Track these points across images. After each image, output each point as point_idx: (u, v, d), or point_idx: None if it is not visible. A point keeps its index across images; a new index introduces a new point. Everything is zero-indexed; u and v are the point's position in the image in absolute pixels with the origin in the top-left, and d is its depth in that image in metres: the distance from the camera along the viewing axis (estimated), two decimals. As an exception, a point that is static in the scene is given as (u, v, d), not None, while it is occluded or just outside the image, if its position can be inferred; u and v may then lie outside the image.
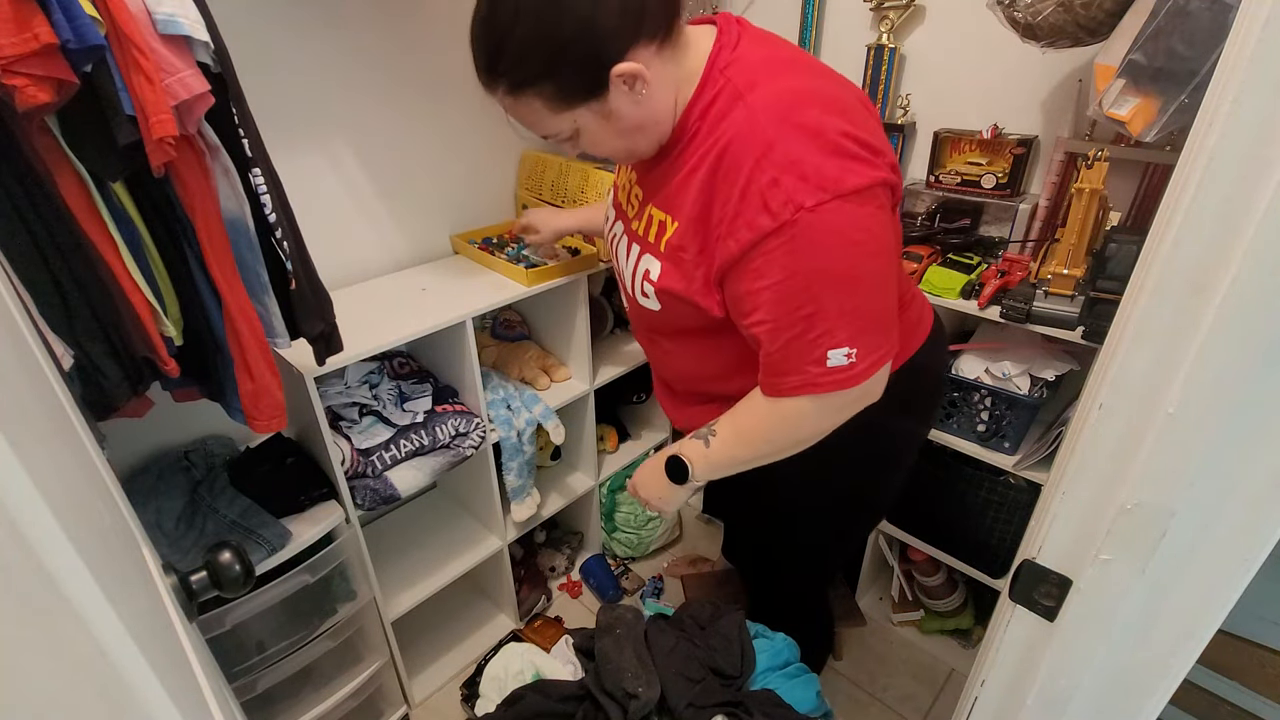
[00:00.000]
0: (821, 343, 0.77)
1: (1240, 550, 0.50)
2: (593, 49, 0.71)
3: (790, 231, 0.71)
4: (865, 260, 0.76)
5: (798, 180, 0.70)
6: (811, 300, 0.75)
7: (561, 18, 0.70)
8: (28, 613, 0.27)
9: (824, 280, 0.74)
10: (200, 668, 0.54)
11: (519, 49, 0.72)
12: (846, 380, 0.79)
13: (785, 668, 1.11)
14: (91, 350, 0.84)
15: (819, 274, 0.74)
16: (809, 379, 0.79)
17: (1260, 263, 0.43)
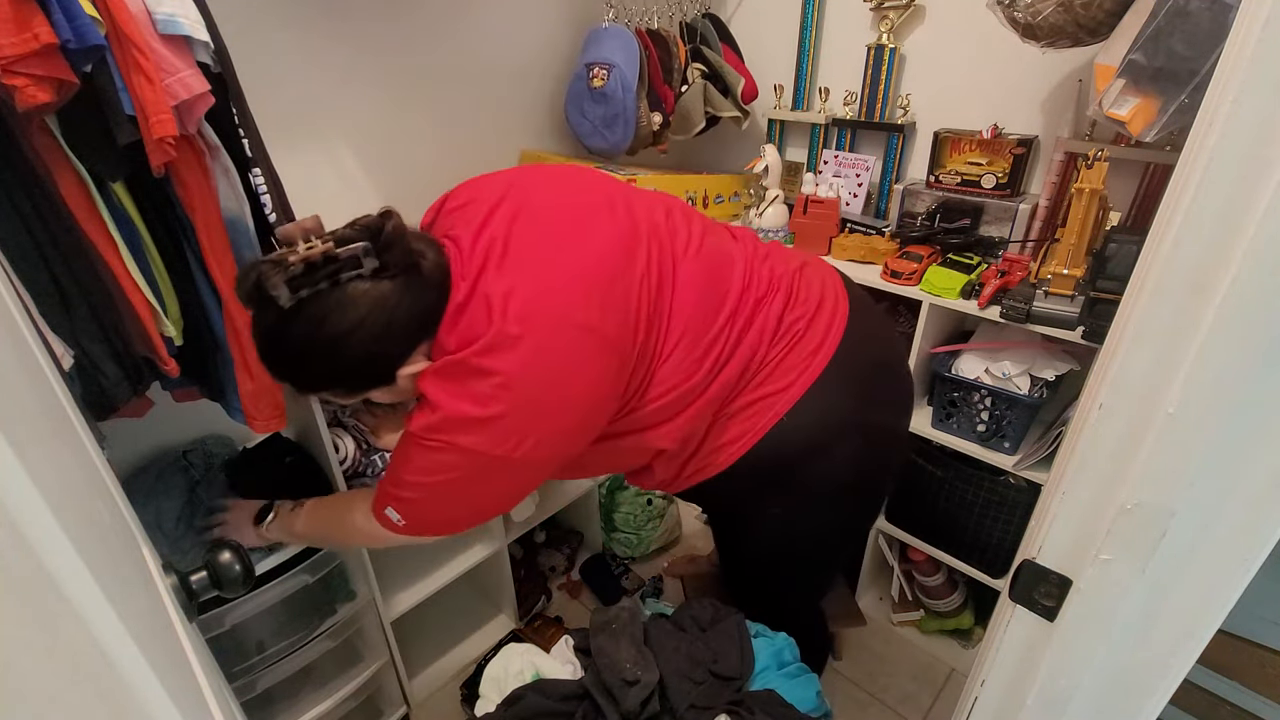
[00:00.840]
0: (390, 498, 0.89)
1: (1240, 550, 0.50)
2: (380, 368, 0.82)
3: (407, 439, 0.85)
4: (440, 480, 0.85)
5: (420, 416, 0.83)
6: (396, 483, 0.88)
7: (349, 356, 0.78)
8: (28, 613, 0.27)
9: (404, 474, 0.86)
10: (200, 668, 0.54)
11: (308, 376, 0.83)
12: (396, 528, 0.92)
13: (785, 667, 1.11)
14: (91, 350, 0.84)
15: (403, 469, 0.87)
16: (377, 505, 0.92)
17: (1260, 263, 0.43)
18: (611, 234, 0.87)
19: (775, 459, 0.97)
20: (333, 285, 0.75)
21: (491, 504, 0.94)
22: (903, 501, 1.63)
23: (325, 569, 1.26)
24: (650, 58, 1.61)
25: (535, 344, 0.79)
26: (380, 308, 0.77)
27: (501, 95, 1.65)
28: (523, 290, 0.80)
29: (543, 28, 1.69)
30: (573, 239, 0.86)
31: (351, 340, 0.77)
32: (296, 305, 0.74)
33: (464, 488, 0.86)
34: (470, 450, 0.81)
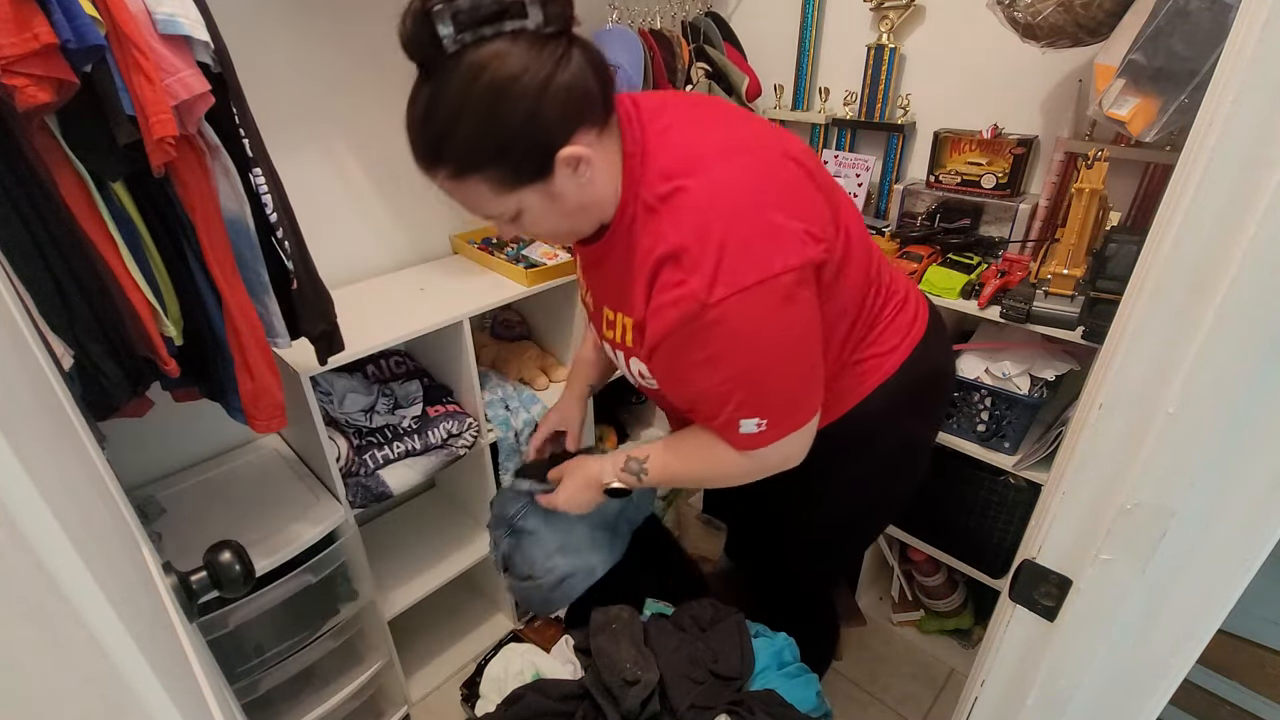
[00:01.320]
0: (736, 413, 0.83)
1: (1240, 550, 0.50)
2: (539, 137, 0.73)
3: (697, 324, 0.77)
4: (776, 347, 0.80)
5: (702, 280, 0.75)
6: (722, 381, 0.81)
7: (507, 112, 0.71)
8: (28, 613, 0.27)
9: (731, 363, 0.79)
10: (200, 668, 0.54)
11: (464, 141, 0.74)
12: (757, 441, 0.85)
13: (785, 667, 1.11)
14: (91, 350, 0.84)
15: (728, 358, 0.79)
16: (718, 427, 0.87)
17: (1260, 263, 0.43)
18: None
19: (877, 415, 1.00)
20: (495, 34, 0.69)
21: (806, 345, 0.85)
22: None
23: (328, 569, 1.26)
24: (654, 58, 1.61)
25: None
26: (540, 63, 0.70)
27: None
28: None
29: (543, 28, 1.68)
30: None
31: (512, 92, 0.70)
32: (458, 53, 0.70)
33: (780, 346, 0.81)
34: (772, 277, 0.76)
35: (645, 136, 0.81)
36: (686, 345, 0.80)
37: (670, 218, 0.77)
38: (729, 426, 0.84)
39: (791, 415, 0.86)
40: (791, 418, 0.86)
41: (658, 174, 0.79)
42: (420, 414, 1.42)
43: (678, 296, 0.77)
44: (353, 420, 1.37)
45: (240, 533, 1.14)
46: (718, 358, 0.79)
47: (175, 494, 1.30)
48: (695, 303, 0.75)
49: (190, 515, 1.25)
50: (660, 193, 0.78)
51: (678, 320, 0.78)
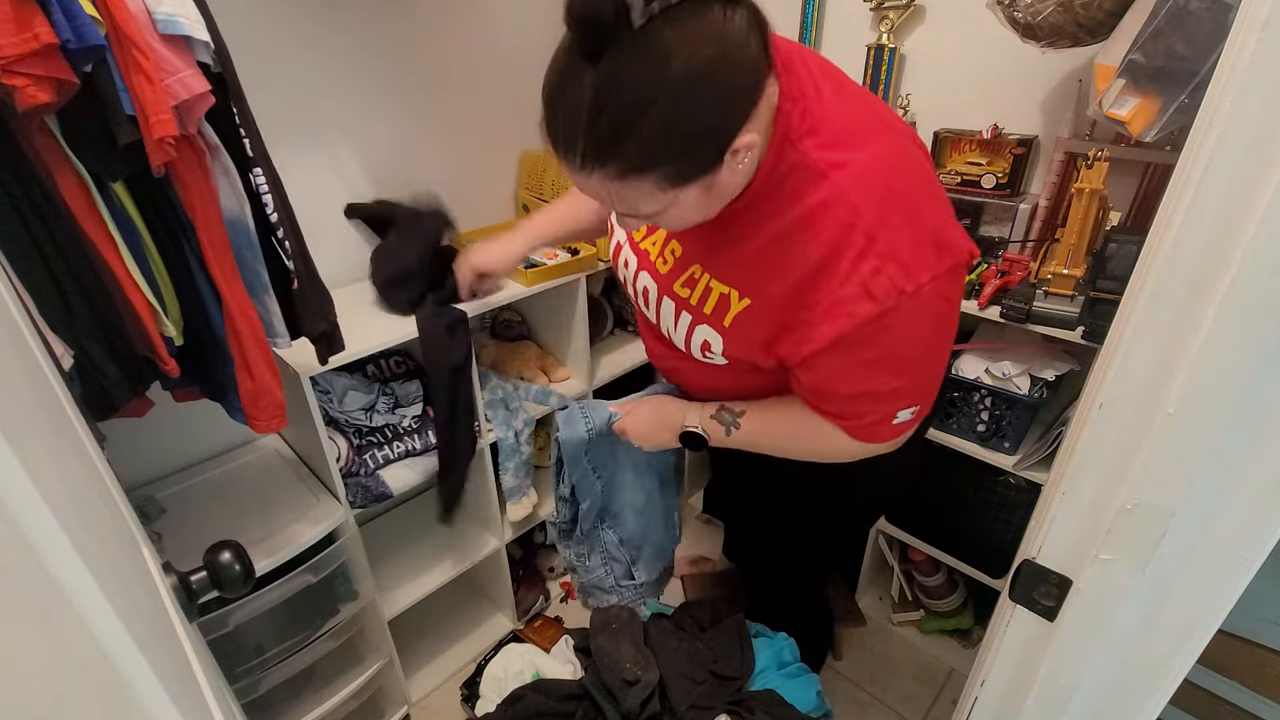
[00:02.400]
0: (896, 405, 0.80)
1: (1240, 550, 0.50)
2: (723, 127, 0.64)
3: (891, 317, 0.70)
4: (947, 333, 0.80)
5: (900, 268, 0.69)
6: (897, 376, 0.77)
7: (702, 101, 0.61)
8: (28, 613, 0.27)
9: (912, 357, 0.76)
10: (200, 668, 0.54)
11: (649, 137, 0.61)
12: (899, 432, 0.83)
13: (785, 667, 1.11)
14: (91, 350, 0.84)
15: (909, 351, 0.75)
16: (864, 425, 0.82)
17: (1260, 263, 0.43)
18: None
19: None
20: (682, 2, 0.58)
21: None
22: (903, 501, 1.63)
23: (328, 569, 1.26)
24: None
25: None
26: (727, 38, 0.60)
27: (503, 97, 1.65)
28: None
29: (545, 29, 1.68)
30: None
31: (707, 79, 0.59)
32: (644, 28, 0.57)
33: (953, 329, 0.81)
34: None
35: (801, 90, 0.71)
36: (868, 342, 0.72)
37: (840, 204, 0.68)
38: (882, 419, 0.80)
39: (933, 396, 0.84)
40: (930, 398, 0.84)
41: (817, 139, 0.70)
42: (420, 414, 1.42)
43: (874, 287, 0.68)
44: (353, 419, 1.37)
45: (240, 533, 1.14)
46: (897, 354, 0.74)
47: (175, 494, 1.30)
48: (895, 293, 0.68)
49: (190, 515, 1.25)
50: (823, 162, 0.69)
51: (873, 315, 0.69)
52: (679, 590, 1.91)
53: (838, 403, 0.81)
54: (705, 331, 0.85)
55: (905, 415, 0.81)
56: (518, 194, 1.78)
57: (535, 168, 1.71)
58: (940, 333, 0.78)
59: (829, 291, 0.71)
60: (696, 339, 0.87)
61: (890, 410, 0.80)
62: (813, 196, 0.70)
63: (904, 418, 0.81)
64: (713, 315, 0.83)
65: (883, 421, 0.81)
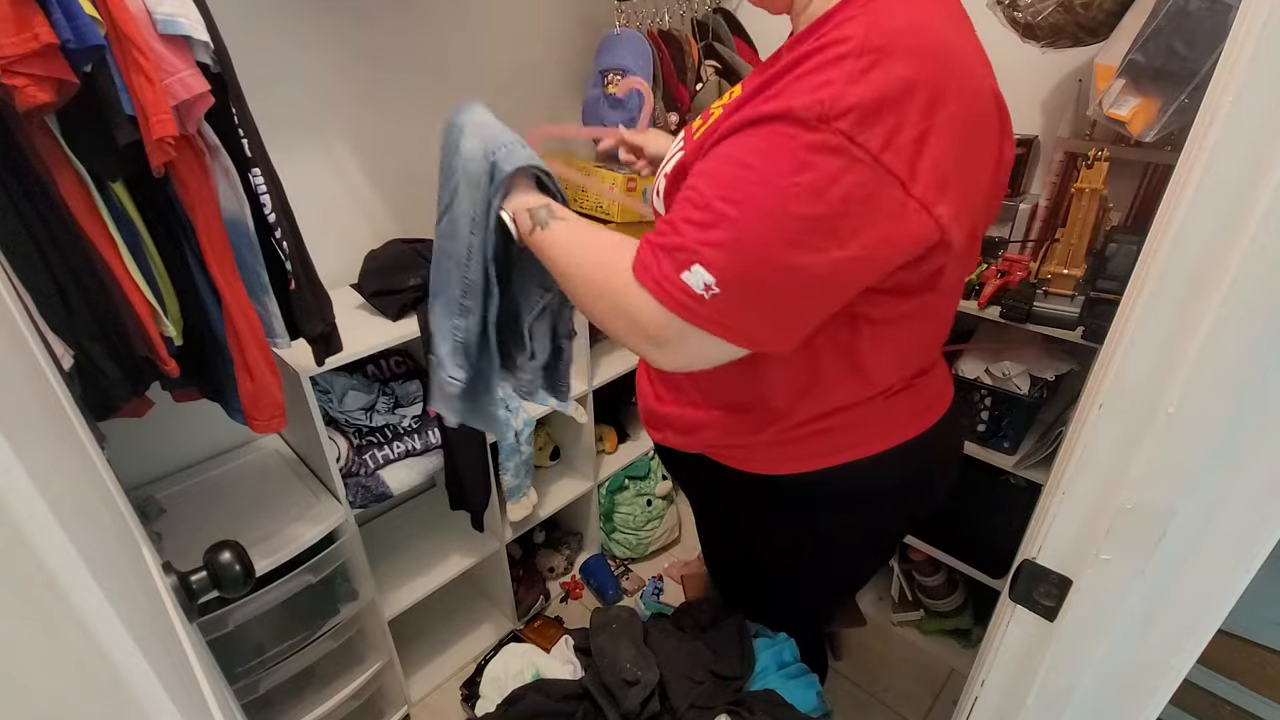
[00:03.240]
0: (703, 251, 0.61)
1: (1240, 550, 0.50)
2: None
3: (801, 132, 0.58)
4: (820, 236, 0.60)
5: (849, 99, 0.56)
6: (746, 203, 0.60)
7: None
8: (28, 613, 0.27)
9: (779, 203, 0.59)
10: (200, 668, 0.54)
11: None
12: (683, 305, 0.63)
13: (785, 667, 1.11)
14: (91, 350, 0.84)
15: (773, 193, 0.59)
16: (653, 260, 0.64)
17: (1260, 263, 0.43)
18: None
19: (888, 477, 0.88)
20: None
21: (846, 276, 0.65)
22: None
23: (328, 569, 1.26)
24: (663, 59, 1.61)
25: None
26: None
27: (506, 97, 1.65)
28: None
29: (549, 30, 1.69)
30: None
31: None
32: None
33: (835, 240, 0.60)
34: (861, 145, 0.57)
35: None
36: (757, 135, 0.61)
37: (870, 26, 0.59)
38: (674, 254, 0.62)
39: (750, 318, 0.64)
40: (747, 321, 0.65)
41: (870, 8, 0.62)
42: (420, 413, 1.42)
43: (811, 95, 0.57)
44: (353, 419, 1.37)
45: (240, 533, 1.14)
46: (771, 177, 0.59)
47: (175, 494, 1.30)
48: (817, 113, 0.57)
49: (190, 515, 1.25)
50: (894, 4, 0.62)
51: (790, 109, 0.58)
52: (679, 590, 1.91)
53: (680, 198, 0.65)
54: (678, 155, 0.76)
55: (698, 281, 0.61)
56: (518, 194, 1.78)
57: (535, 168, 1.71)
58: (824, 218, 0.59)
59: (779, 79, 0.62)
60: (666, 168, 0.77)
61: (694, 245, 0.61)
62: (843, 24, 0.61)
63: (694, 283, 0.61)
64: (698, 139, 0.72)
65: (675, 252, 0.62)
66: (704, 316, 0.63)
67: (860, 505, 0.92)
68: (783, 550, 1.02)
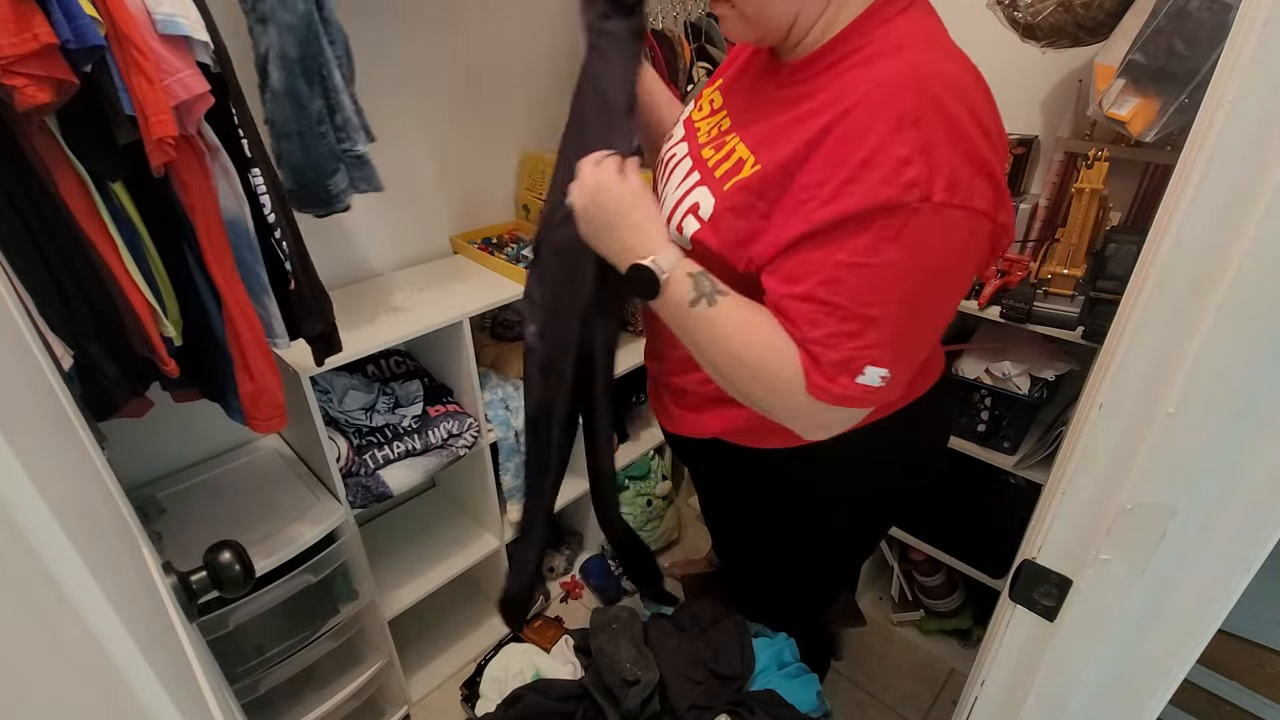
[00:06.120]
0: (868, 354, 0.65)
1: (1240, 550, 0.50)
2: None
3: (906, 217, 0.61)
4: (951, 286, 0.68)
5: (933, 170, 0.60)
6: (886, 302, 0.64)
7: None
8: (28, 613, 0.27)
9: (909, 286, 0.64)
10: (200, 668, 0.54)
11: None
12: (866, 400, 0.68)
13: (785, 667, 1.11)
14: (91, 350, 0.84)
15: (905, 277, 0.64)
16: (823, 365, 0.66)
17: (1260, 263, 0.43)
18: None
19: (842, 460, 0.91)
20: None
21: (955, 308, 0.74)
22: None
23: (328, 569, 1.26)
24: (655, 59, 1.61)
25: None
26: None
27: (501, 97, 1.65)
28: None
29: (543, 29, 1.68)
30: None
31: None
32: None
33: (957, 288, 0.70)
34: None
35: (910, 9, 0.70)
36: (873, 235, 0.62)
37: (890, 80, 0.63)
38: (845, 366, 0.65)
39: (907, 375, 0.70)
40: (904, 379, 0.69)
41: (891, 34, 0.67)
42: (420, 414, 1.42)
43: (901, 173, 0.60)
44: (353, 419, 1.37)
45: (240, 533, 1.14)
46: (889, 272, 0.63)
47: (175, 494, 1.30)
48: (921, 193, 0.60)
49: (190, 515, 1.25)
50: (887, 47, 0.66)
51: (886, 201, 0.61)
52: (679, 590, 1.91)
53: (805, 310, 0.66)
54: (701, 193, 0.75)
55: (874, 378, 0.65)
56: (518, 194, 1.78)
57: (535, 168, 1.71)
58: (945, 278, 0.66)
59: (844, 165, 0.62)
60: (688, 201, 0.76)
61: (858, 353, 0.65)
62: (865, 71, 0.65)
63: (871, 380, 0.66)
64: (720, 177, 0.74)
65: (844, 367, 0.65)
66: (880, 396, 0.69)
67: (863, 470, 0.94)
68: (789, 524, 1.05)
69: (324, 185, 1.07)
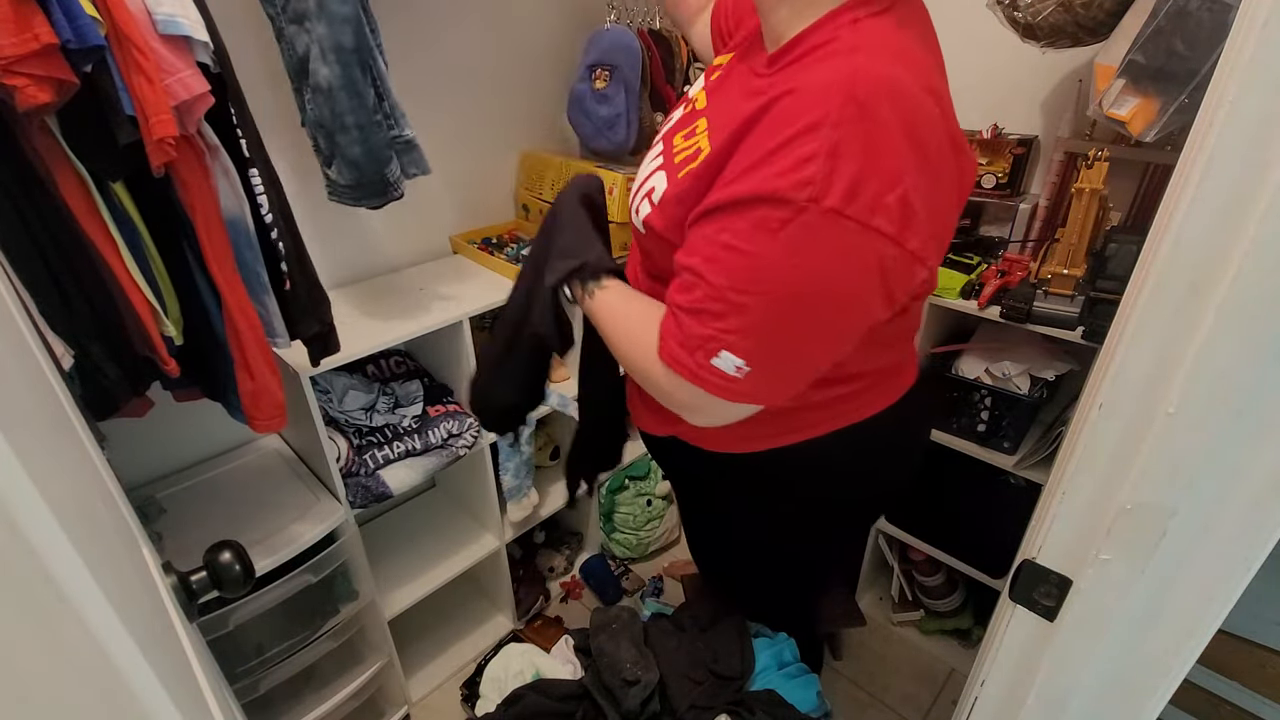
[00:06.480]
0: (726, 338, 0.65)
1: (1240, 550, 0.50)
2: None
3: (791, 215, 0.60)
4: (834, 302, 0.65)
5: (832, 174, 0.58)
6: (755, 293, 0.63)
7: None
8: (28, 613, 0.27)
9: (781, 285, 0.63)
10: (200, 668, 0.54)
11: None
12: (723, 388, 0.67)
13: (785, 667, 1.11)
14: (91, 350, 0.84)
15: (782, 276, 0.62)
16: (683, 351, 0.68)
17: (1260, 263, 0.43)
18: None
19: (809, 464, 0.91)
20: None
21: (846, 337, 0.70)
22: (903, 501, 1.63)
23: (328, 569, 1.26)
24: (652, 58, 1.61)
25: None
26: None
27: (500, 97, 1.65)
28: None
29: (542, 29, 1.68)
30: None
31: None
32: None
33: (841, 314, 0.65)
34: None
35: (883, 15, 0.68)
36: (743, 223, 0.63)
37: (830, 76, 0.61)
38: (703, 344, 0.66)
39: (773, 388, 0.70)
40: (769, 390, 0.69)
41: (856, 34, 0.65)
42: (420, 414, 1.42)
43: (799, 171, 0.59)
44: (353, 419, 1.37)
45: (240, 533, 1.14)
46: (762, 265, 0.62)
47: (175, 494, 1.30)
48: (813, 196, 0.58)
49: (190, 515, 1.25)
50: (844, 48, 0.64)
51: (773, 193, 0.60)
52: (679, 590, 1.91)
53: (685, 277, 0.68)
54: (659, 178, 0.77)
55: (729, 365, 0.65)
56: (518, 194, 1.78)
57: (535, 168, 1.71)
58: (826, 291, 0.63)
59: (756, 148, 0.62)
60: (646, 187, 0.78)
61: (717, 334, 0.64)
62: (827, 65, 0.63)
63: (726, 366, 0.65)
64: (678, 164, 0.75)
65: (702, 343, 0.65)
66: (738, 391, 0.68)
67: (825, 478, 0.95)
68: (754, 526, 1.05)
69: (381, 174, 1.08)
